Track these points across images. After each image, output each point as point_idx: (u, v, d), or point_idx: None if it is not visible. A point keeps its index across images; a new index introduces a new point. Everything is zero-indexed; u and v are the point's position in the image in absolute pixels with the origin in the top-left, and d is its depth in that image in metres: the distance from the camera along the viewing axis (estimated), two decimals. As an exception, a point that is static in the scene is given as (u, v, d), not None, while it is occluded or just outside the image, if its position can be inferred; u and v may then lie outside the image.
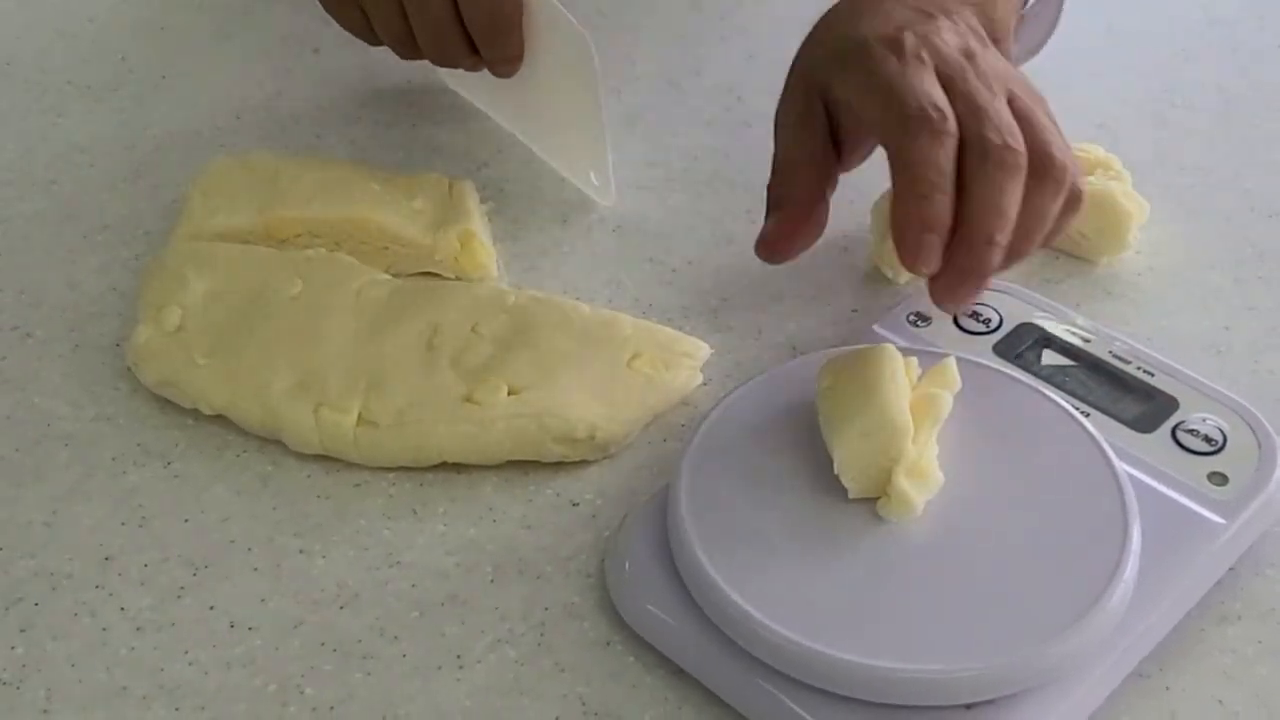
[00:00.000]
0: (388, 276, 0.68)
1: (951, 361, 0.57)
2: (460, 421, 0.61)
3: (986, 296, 0.65)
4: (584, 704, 0.54)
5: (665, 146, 0.81)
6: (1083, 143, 0.73)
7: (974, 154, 0.55)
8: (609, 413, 0.62)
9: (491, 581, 0.58)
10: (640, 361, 0.64)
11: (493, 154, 0.80)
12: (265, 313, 0.65)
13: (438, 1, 0.70)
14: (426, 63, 0.74)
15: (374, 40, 0.75)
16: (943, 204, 0.54)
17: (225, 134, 0.83)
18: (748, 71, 0.86)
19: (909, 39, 0.58)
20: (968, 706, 0.50)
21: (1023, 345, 0.63)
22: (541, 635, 0.56)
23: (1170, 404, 0.60)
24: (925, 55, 0.58)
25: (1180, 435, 0.59)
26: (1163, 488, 0.57)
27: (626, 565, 0.56)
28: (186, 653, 0.55)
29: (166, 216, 0.76)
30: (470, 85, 0.83)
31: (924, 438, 0.55)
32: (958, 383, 0.57)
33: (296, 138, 0.82)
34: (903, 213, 0.55)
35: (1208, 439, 0.58)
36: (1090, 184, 0.71)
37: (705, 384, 0.66)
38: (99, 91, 0.87)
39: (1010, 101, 0.58)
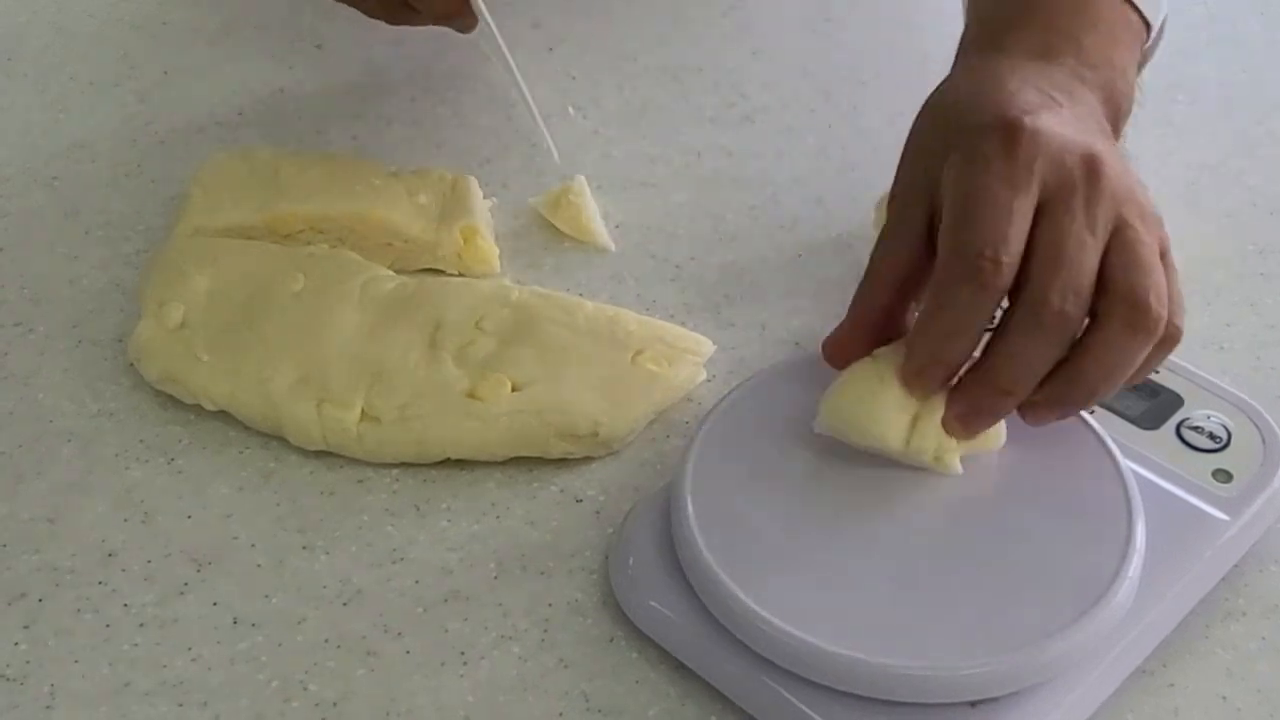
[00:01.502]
0: (390, 272, 0.68)
1: None
2: (463, 417, 0.61)
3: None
4: (587, 700, 0.53)
5: (668, 142, 0.80)
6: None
7: (1024, 304, 0.53)
8: (612, 409, 0.62)
9: (495, 578, 0.58)
10: (644, 358, 0.64)
11: (496, 150, 0.80)
12: (268, 309, 0.65)
13: None
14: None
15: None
16: (962, 347, 0.54)
17: (227, 129, 0.83)
18: (751, 67, 0.86)
19: (1027, 132, 0.53)
20: (972, 704, 0.50)
21: (1026, 342, 0.63)
22: (545, 632, 0.56)
23: (1175, 401, 0.60)
24: (1037, 165, 0.53)
25: (1185, 432, 0.59)
26: (1167, 484, 0.57)
27: (630, 561, 0.56)
28: (190, 649, 0.55)
29: (168, 212, 0.76)
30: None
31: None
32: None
33: (299, 133, 0.82)
34: (922, 331, 0.54)
35: (1212, 436, 0.58)
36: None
37: (709, 380, 0.66)
38: (101, 87, 0.86)
39: (1115, 234, 0.54)
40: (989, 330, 0.54)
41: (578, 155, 0.79)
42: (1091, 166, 0.54)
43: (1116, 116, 0.61)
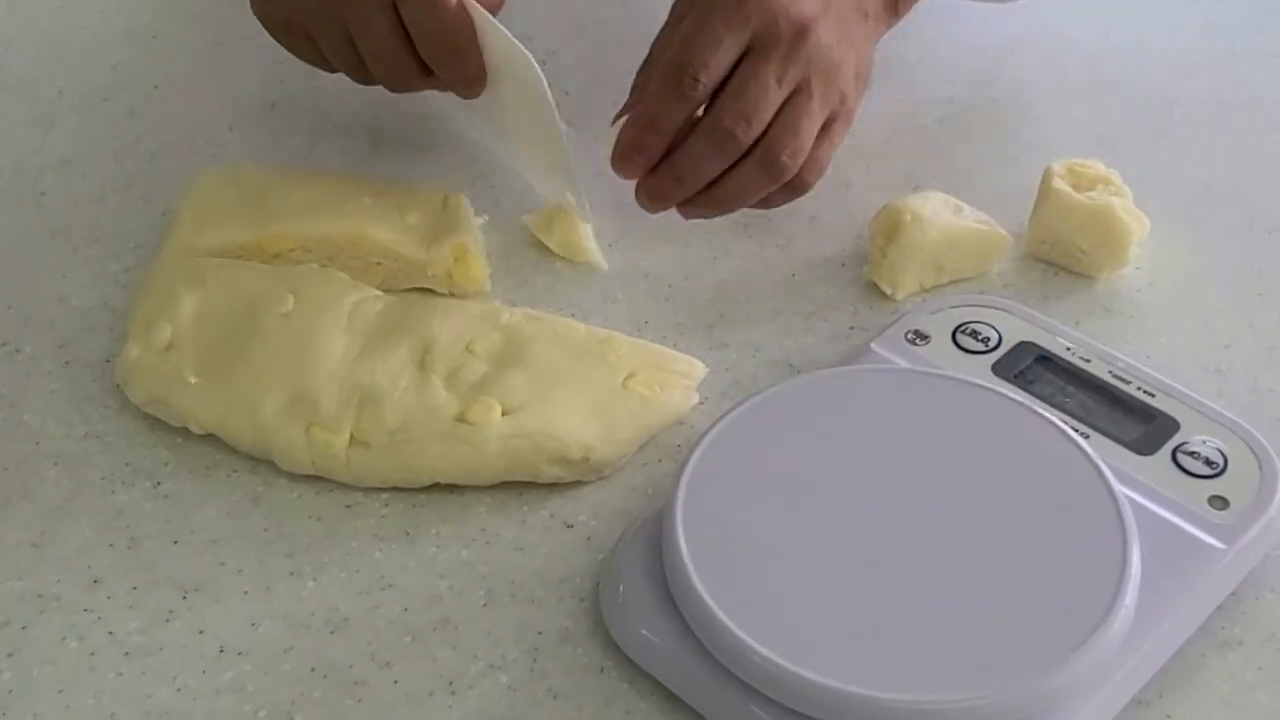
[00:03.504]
0: (380, 293, 0.68)
1: None
2: (453, 442, 0.60)
3: (986, 314, 0.65)
4: (577, 731, 0.53)
5: (661, 159, 0.80)
6: (1083, 158, 0.73)
7: (708, 118, 0.66)
8: (604, 433, 0.61)
9: (484, 605, 0.57)
10: (635, 381, 0.64)
11: (487, 168, 0.79)
12: (256, 330, 0.64)
13: (383, 25, 0.67)
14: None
15: (329, 67, 0.73)
16: (656, 141, 0.66)
17: (218, 145, 0.82)
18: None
19: None
20: (966, 736, 0.49)
21: (1022, 364, 0.62)
22: (534, 661, 0.55)
23: (1171, 425, 0.59)
24: (754, 17, 0.65)
25: (1181, 458, 0.58)
26: (1163, 511, 0.56)
27: (621, 589, 0.55)
28: (175, 678, 0.55)
29: (157, 229, 0.75)
30: (451, 106, 0.81)
31: None
32: None
33: (289, 149, 0.81)
34: (630, 124, 0.67)
35: (1208, 461, 0.58)
36: (1090, 199, 0.70)
37: (701, 403, 0.65)
38: (90, 101, 0.86)
39: (795, 93, 0.66)
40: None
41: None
42: (800, 33, 0.66)
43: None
